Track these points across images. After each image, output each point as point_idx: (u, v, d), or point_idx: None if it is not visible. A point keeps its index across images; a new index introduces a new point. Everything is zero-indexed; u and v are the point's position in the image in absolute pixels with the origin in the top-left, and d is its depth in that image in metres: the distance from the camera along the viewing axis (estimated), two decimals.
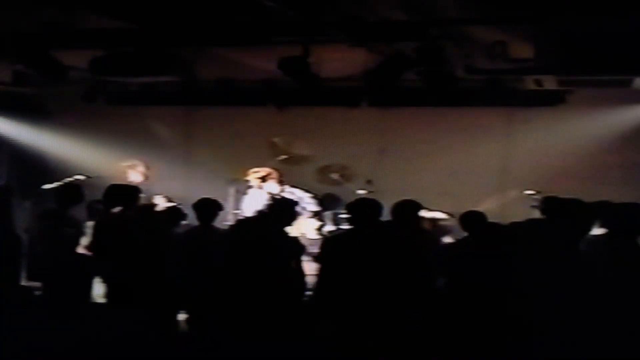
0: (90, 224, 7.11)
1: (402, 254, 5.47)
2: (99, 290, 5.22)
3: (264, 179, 8.62)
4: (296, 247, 5.99)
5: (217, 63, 8.82)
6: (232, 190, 8.98)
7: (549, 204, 6.23)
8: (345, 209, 6.35)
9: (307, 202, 8.62)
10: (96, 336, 3.51)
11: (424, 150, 9.82)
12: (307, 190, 8.76)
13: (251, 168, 8.79)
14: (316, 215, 8.83)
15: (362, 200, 6.38)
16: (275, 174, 8.66)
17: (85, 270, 3.79)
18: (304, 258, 6.09)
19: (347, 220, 6.25)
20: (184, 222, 6.91)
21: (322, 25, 6.63)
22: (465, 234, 5.98)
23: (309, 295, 5.87)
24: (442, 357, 4.99)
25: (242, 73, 9.16)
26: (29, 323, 3.54)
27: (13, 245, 5.00)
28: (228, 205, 8.53)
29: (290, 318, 5.39)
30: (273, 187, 8.56)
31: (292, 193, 8.52)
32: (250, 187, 8.76)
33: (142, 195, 7.08)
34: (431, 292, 5.54)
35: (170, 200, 8.35)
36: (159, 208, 7.61)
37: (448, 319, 5.20)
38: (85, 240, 6.99)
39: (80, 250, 6.73)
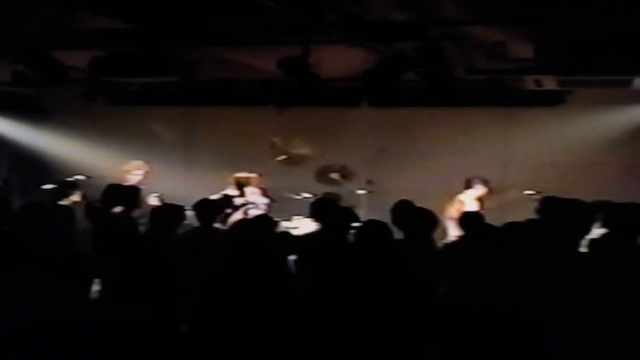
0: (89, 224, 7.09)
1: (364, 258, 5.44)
2: (98, 289, 5.21)
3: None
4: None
5: (217, 63, 8.81)
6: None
7: (547, 204, 6.21)
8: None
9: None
10: (96, 336, 3.51)
11: (424, 150, 9.82)
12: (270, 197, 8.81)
13: (251, 168, 8.79)
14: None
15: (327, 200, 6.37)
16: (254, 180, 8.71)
17: (85, 269, 3.79)
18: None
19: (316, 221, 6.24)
20: (184, 222, 6.90)
21: (322, 25, 6.62)
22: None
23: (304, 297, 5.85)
24: (441, 357, 4.98)
25: (242, 73, 9.16)
26: (29, 322, 3.55)
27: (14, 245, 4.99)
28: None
29: (289, 318, 5.38)
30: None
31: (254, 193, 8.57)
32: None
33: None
34: (427, 294, 5.52)
35: (162, 201, 8.24)
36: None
37: (446, 320, 5.19)
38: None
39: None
